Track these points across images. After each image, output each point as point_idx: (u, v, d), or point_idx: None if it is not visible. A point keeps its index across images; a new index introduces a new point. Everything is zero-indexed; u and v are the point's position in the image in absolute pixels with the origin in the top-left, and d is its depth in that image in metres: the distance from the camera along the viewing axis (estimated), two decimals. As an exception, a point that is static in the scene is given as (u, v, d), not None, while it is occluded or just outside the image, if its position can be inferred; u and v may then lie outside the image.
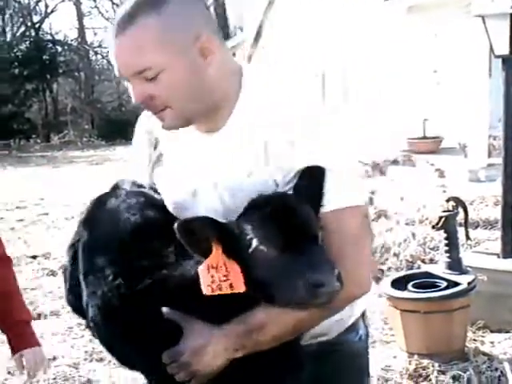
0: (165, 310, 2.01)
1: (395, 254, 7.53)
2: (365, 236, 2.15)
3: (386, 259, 7.45)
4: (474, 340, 5.46)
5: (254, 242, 1.94)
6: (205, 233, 1.96)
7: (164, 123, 2.13)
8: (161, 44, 1.99)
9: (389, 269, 7.19)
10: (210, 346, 1.99)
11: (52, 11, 37.81)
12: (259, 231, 1.94)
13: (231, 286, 1.95)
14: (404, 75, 13.44)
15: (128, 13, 2.01)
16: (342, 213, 2.08)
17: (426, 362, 5.04)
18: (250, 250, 1.94)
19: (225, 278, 1.95)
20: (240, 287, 1.94)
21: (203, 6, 2.17)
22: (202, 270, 1.96)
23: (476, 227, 8.31)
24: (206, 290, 1.95)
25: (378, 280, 5.98)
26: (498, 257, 5.95)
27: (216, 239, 1.98)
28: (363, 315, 2.52)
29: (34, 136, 33.31)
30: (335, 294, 1.88)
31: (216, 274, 1.94)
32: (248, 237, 1.96)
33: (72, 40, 37.79)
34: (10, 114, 32.81)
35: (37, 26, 36.89)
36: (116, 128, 30.22)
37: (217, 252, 1.97)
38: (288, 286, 1.90)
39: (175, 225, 1.93)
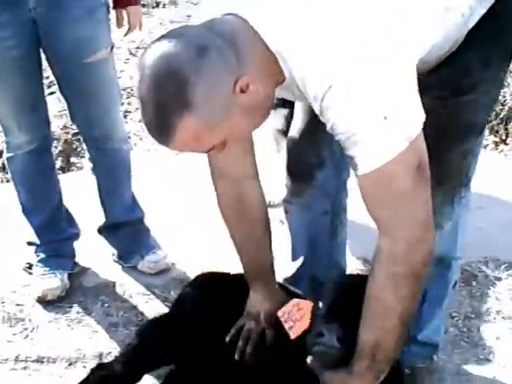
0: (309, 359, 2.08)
1: None
2: (419, 189, 1.79)
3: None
4: None
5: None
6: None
7: None
8: (210, 128, 1.72)
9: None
10: None
11: None
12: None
13: (290, 328, 2.26)
14: None
15: (161, 125, 1.70)
16: (382, 171, 1.72)
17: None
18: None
19: (294, 320, 2.26)
20: (293, 335, 2.25)
21: (226, 54, 1.70)
22: (292, 301, 2.33)
23: None
24: (279, 312, 2.31)
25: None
26: None
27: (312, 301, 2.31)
28: None
29: None
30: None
31: (294, 312, 2.28)
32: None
33: None
34: None
35: None
36: None
37: (309, 303, 2.30)
38: None
39: None
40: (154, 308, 3.03)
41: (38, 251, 3.21)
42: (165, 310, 3.00)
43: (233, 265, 2.77)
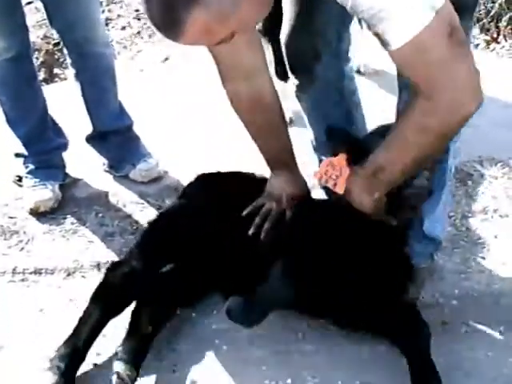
0: None
1: None
2: (456, 54, 1.76)
3: None
4: None
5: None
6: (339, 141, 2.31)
7: None
8: (220, 21, 1.67)
9: None
10: (353, 190, 2.15)
11: None
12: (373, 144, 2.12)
13: (335, 185, 2.20)
14: None
15: (170, 21, 1.64)
16: (415, 43, 1.70)
17: None
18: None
19: (334, 177, 2.20)
20: (340, 190, 2.18)
21: None
22: (324, 161, 2.25)
23: None
24: (316, 175, 2.25)
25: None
26: None
27: (346, 148, 2.22)
28: None
29: None
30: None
31: (330, 171, 2.21)
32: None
33: None
34: None
35: None
36: None
37: (341, 156, 2.21)
38: None
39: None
40: (148, 216, 2.94)
41: (27, 162, 3.11)
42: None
43: (226, 170, 2.75)
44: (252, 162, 3.02)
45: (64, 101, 3.39)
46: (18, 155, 3.14)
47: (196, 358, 2.30)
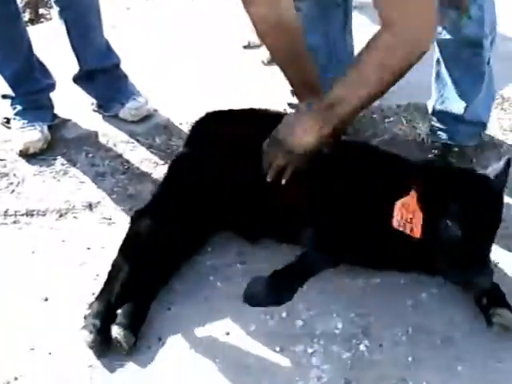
0: None
1: None
2: None
3: None
4: None
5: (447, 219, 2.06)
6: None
7: None
8: None
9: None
10: (298, 125, 2.16)
11: None
12: (455, 212, 2.05)
13: (412, 229, 2.12)
14: None
15: None
16: None
17: None
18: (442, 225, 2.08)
19: (409, 220, 2.13)
20: (417, 234, 2.12)
21: None
22: (397, 204, 2.14)
23: None
24: (394, 223, 2.14)
25: None
26: None
27: (416, 187, 2.10)
28: None
29: None
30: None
31: (405, 214, 2.13)
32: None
33: None
34: None
35: None
36: None
37: (412, 196, 2.11)
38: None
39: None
40: (139, 155, 2.92)
41: (14, 104, 3.04)
42: (150, 156, 2.93)
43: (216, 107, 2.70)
44: (241, 99, 2.99)
45: (50, 41, 3.31)
46: (5, 97, 3.06)
47: (191, 295, 2.28)
